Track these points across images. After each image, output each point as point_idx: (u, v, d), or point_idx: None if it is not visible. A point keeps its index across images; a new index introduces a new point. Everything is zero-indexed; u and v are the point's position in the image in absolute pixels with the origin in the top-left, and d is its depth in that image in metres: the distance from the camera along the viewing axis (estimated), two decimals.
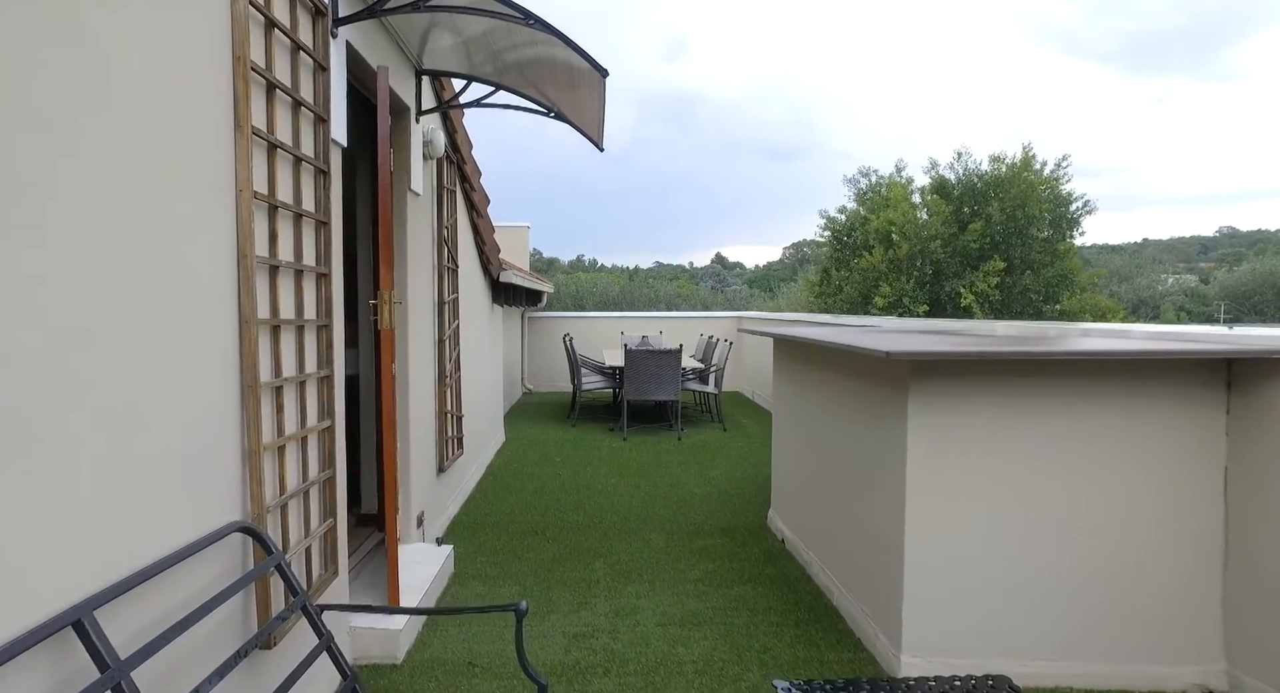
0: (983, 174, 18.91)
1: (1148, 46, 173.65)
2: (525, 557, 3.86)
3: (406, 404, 3.56)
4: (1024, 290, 17.93)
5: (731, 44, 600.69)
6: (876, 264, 18.22)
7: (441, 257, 4.11)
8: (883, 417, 2.71)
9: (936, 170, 19.90)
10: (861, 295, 18.32)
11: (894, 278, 18.00)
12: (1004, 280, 17.86)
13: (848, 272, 18.99)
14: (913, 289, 17.56)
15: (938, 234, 17.92)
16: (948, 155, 20.73)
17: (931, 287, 18.05)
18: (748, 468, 6.02)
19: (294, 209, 2.08)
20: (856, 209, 20.12)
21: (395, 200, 3.48)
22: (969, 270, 18.38)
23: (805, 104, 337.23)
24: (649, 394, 7.30)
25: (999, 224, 18.17)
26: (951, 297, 17.89)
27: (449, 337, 4.36)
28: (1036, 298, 17.79)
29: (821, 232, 20.73)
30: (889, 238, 18.41)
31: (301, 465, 2.16)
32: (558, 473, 5.82)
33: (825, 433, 3.48)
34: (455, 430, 4.56)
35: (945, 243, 18.01)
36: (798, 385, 3.98)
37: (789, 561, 3.82)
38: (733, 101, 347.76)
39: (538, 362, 11.19)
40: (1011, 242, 18.24)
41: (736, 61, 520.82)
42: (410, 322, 3.57)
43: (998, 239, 18.25)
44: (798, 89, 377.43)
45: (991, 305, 17.67)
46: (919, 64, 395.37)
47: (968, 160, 19.33)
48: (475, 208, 5.14)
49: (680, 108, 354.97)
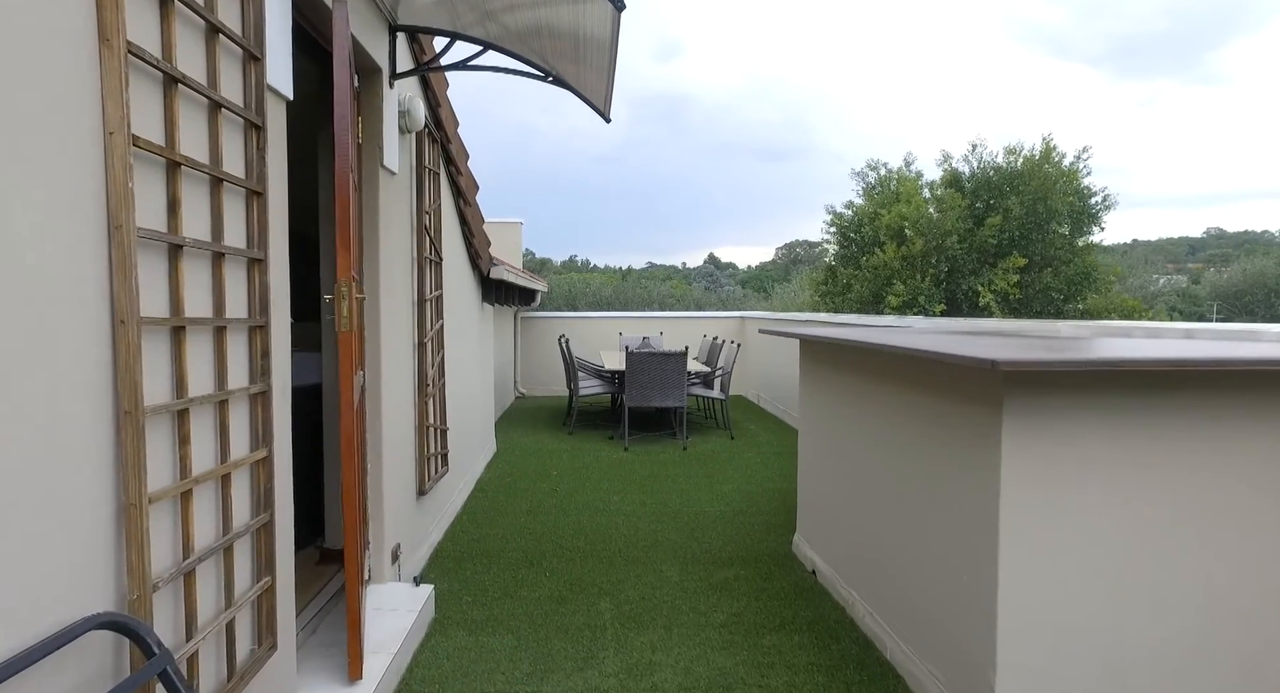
0: (999, 167, 18.03)
1: (1134, 49, 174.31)
2: (519, 595, 3.33)
3: (379, 420, 3.02)
4: (1045, 288, 17.07)
5: (724, 45, 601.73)
6: (889, 261, 17.29)
7: (422, 247, 3.57)
8: (959, 438, 2.20)
9: (949, 163, 19.05)
10: (873, 294, 17.46)
11: (908, 275, 17.14)
12: (1023, 278, 17.08)
13: (857, 269, 18.15)
14: (928, 287, 16.73)
15: (954, 229, 17.08)
16: (945, 151, 19.97)
17: (947, 285, 17.23)
18: (762, 481, 5.51)
19: (209, 170, 1.55)
20: (865, 204, 19.22)
21: (365, 177, 2.94)
22: (987, 267, 17.55)
23: (797, 105, 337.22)
24: (652, 400, 6.78)
25: (1018, 219, 17.32)
26: (968, 295, 17.11)
27: (431, 339, 3.82)
28: (1058, 296, 16.93)
29: (827, 228, 19.93)
30: (901, 234, 17.61)
31: (220, 514, 1.62)
32: (554, 489, 5.28)
33: (870, 452, 2.97)
34: (439, 446, 4.02)
35: (961, 238, 17.18)
36: (832, 395, 3.46)
37: (824, 598, 3.31)
38: (725, 102, 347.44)
39: (532, 364, 10.65)
40: (1031, 237, 17.40)
41: (729, 62, 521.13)
42: (384, 321, 3.03)
43: (1016, 235, 17.44)
44: (790, 90, 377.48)
45: (1010, 304, 16.91)
46: (909, 66, 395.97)
47: (982, 152, 18.50)
48: (462, 195, 4.60)
49: (672, 108, 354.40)
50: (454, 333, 4.58)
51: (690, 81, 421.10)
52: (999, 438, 1.97)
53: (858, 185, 20.12)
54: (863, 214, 18.75)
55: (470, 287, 5.31)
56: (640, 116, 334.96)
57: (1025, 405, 1.96)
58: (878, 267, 17.28)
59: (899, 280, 16.79)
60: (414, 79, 3.48)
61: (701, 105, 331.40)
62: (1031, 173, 17.45)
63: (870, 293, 17.16)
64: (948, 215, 17.21)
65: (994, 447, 2.00)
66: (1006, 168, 17.80)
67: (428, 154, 3.73)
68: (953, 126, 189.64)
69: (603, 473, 5.78)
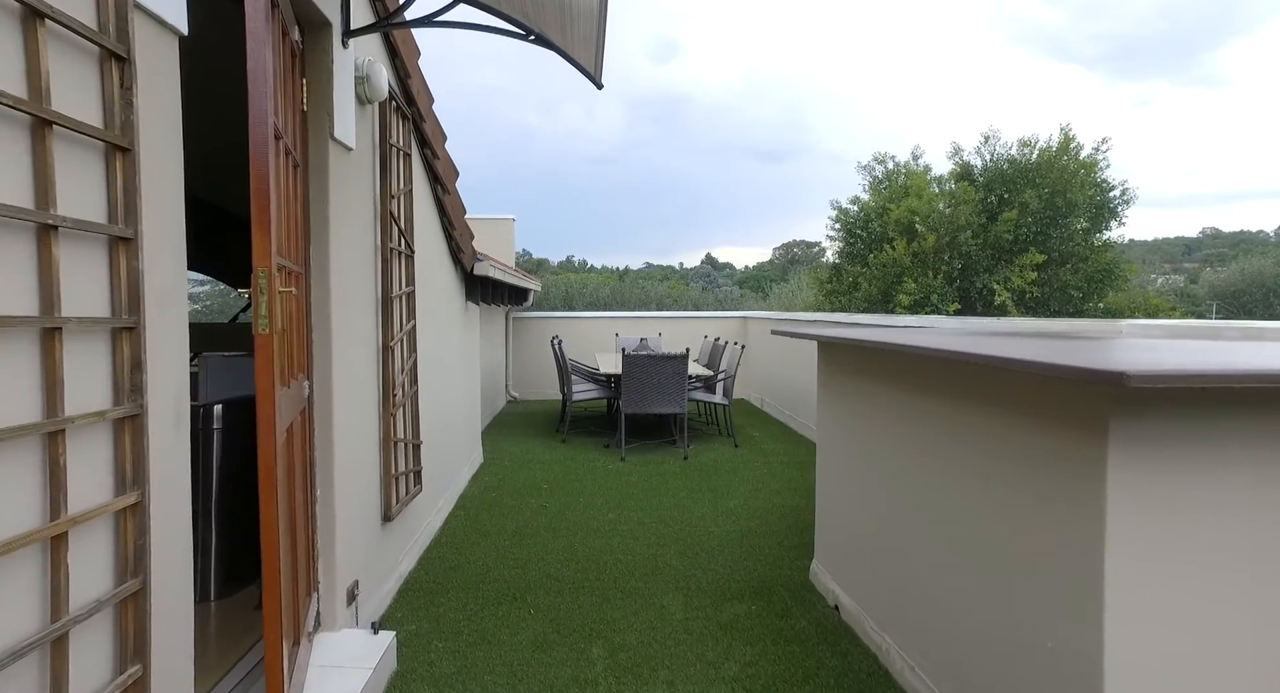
0: (1013, 159, 17.11)
1: (1130, 50, 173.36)
2: (498, 639, 2.87)
3: (330, 437, 2.55)
4: (1063, 286, 16.23)
5: (722, 45, 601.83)
6: (899, 258, 16.39)
7: (387, 237, 3.11)
8: (1043, 469, 1.75)
9: (961, 156, 18.11)
10: (881, 293, 16.59)
11: (919, 273, 16.27)
12: (1040, 275, 16.24)
13: (864, 267, 17.28)
14: (941, 285, 15.84)
15: (967, 224, 16.21)
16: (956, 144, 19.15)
17: (960, 282, 16.36)
18: (770, 496, 5.05)
19: (29, 109, 1.09)
20: (872, 199, 18.24)
21: (312, 151, 2.48)
22: (1002, 264, 16.70)
23: (795, 105, 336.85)
24: (650, 407, 6.32)
25: (1035, 213, 16.46)
26: (983, 293, 16.25)
27: (400, 342, 3.36)
28: (1077, 295, 16.07)
29: (832, 225, 18.89)
30: (912, 229, 16.69)
31: (49, 590, 1.16)
32: (544, 505, 4.82)
33: (911, 476, 2.52)
34: (411, 462, 3.56)
35: (975, 234, 16.34)
36: (858, 406, 3.01)
37: (851, 642, 2.85)
38: (723, 101, 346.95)
39: (523, 367, 10.18)
40: (1049, 232, 16.56)
41: (726, 62, 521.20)
42: (336, 321, 2.57)
43: (1033, 230, 16.57)
44: (788, 90, 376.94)
45: (1026, 303, 16.06)
46: (906, 67, 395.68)
47: (995, 144, 17.65)
48: (440, 181, 4.14)
49: (670, 109, 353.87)
50: (431, 335, 4.12)
51: (688, 82, 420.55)
52: (1103, 474, 1.52)
53: (864, 179, 19.33)
54: (870, 209, 17.93)
55: (451, 284, 4.85)
56: (638, 117, 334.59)
57: (1139, 432, 1.51)
58: (887, 264, 16.50)
59: (910, 278, 15.99)
60: (377, 42, 3.02)
61: (699, 105, 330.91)
62: (1049, 165, 16.61)
63: (879, 291, 16.36)
64: (961, 210, 16.41)
65: (1092, 480, 1.55)
66: (1022, 160, 16.95)
67: (396, 131, 3.28)
68: (950, 127, 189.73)
69: (597, 486, 5.32)
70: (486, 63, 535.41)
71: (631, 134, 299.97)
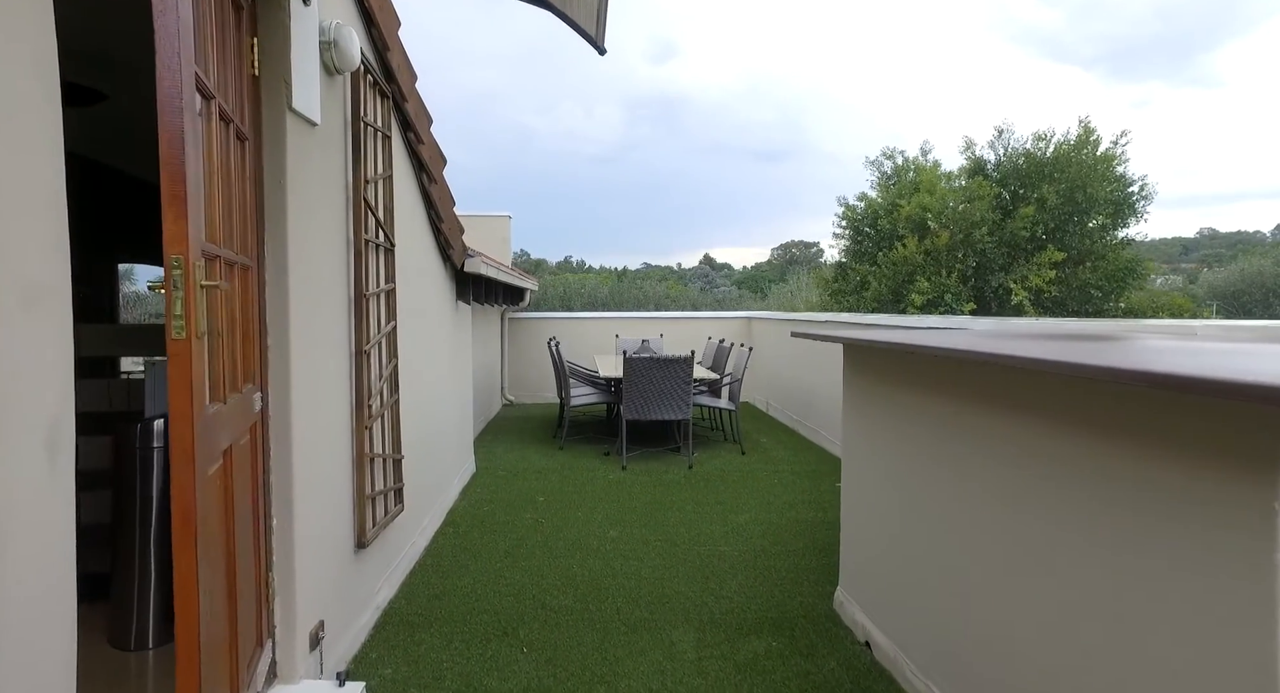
0: (1029, 153, 16.37)
1: (1127, 52, 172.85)
2: (485, 686, 2.51)
3: (289, 456, 2.19)
4: (1082, 285, 15.44)
5: (719, 46, 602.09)
6: (911, 256, 15.60)
7: (361, 227, 2.75)
8: (1165, 511, 1.39)
9: (973, 150, 17.34)
10: (892, 292, 15.78)
11: (932, 271, 15.48)
12: (1059, 273, 15.44)
13: (873, 266, 16.52)
14: (955, 284, 15.08)
15: (983, 220, 15.44)
16: (968, 138, 18.52)
17: (975, 281, 15.60)
18: (783, 510, 4.70)
19: None
20: (880, 195, 17.50)
21: (266, 123, 2.12)
22: (1019, 262, 15.89)
23: (793, 105, 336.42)
24: (653, 413, 5.96)
25: (1054, 208, 15.60)
26: (999, 293, 15.50)
27: (378, 346, 3.00)
28: (1097, 294, 15.28)
29: (838, 222, 18.14)
30: (924, 226, 15.92)
31: None
32: (540, 520, 4.46)
33: (963, 503, 2.16)
34: (391, 479, 3.20)
35: (990, 230, 15.60)
36: (894, 418, 2.66)
37: (887, 686, 2.50)
38: (721, 102, 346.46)
39: (520, 369, 9.82)
40: (1068, 229, 15.76)
41: (724, 62, 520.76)
42: (295, 322, 2.21)
43: (1051, 226, 15.77)
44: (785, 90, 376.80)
45: (1046, 302, 15.32)
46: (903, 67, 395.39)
47: (1009, 138, 16.90)
48: (426, 169, 3.78)
49: (668, 109, 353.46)
50: (416, 337, 3.76)
51: (686, 82, 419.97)
52: (1273, 525, 1.16)
53: (872, 175, 18.60)
54: (879, 206, 17.20)
55: (439, 282, 4.49)
56: (636, 118, 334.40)
57: None
58: (897, 262, 15.76)
59: (922, 277, 15.26)
60: (348, 5, 2.66)
61: (697, 106, 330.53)
62: (1067, 159, 15.84)
63: (889, 291, 15.65)
64: (975, 205, 15.67)
65: (1262, 535, 1.20)
66: (1037, 154, 16.25)
67: (372, 108, 2.92)
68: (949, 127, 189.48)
69: (597, 498, 4.96)
70: (484, 64, 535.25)
71: (629, 135, 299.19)
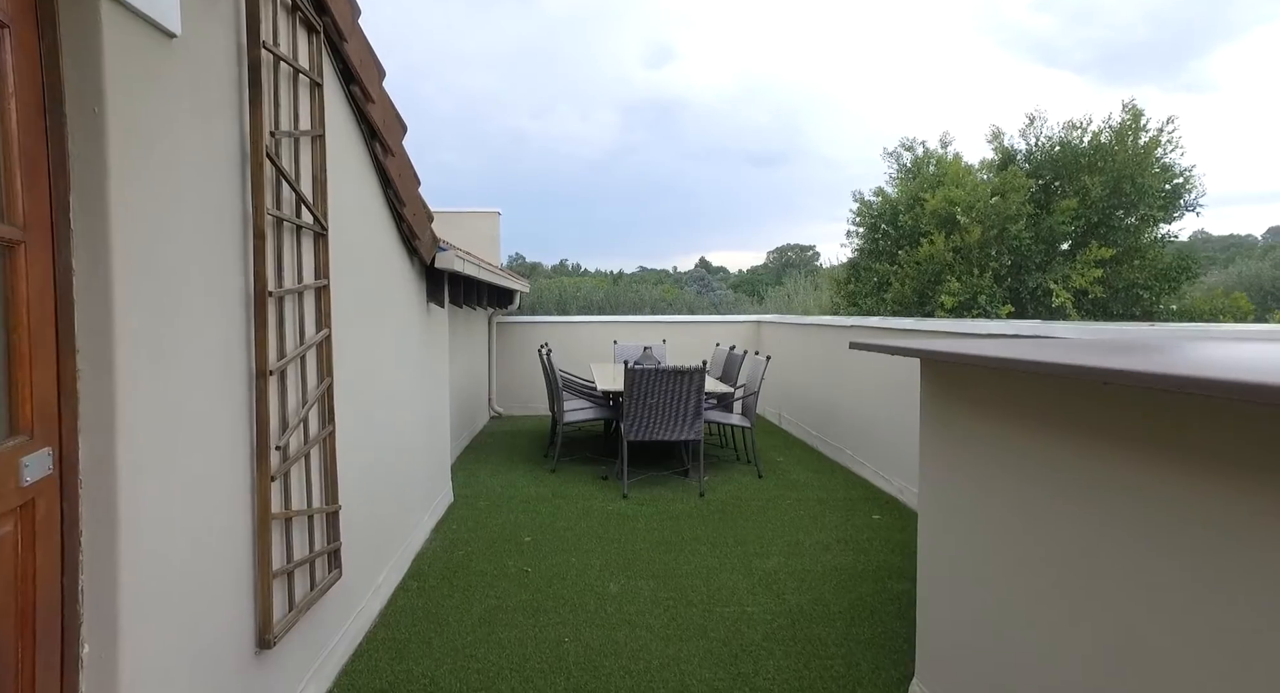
0: (1065, 142, 14.67)
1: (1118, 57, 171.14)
2: None
3: (113, 547, 1.41)
4: (1129, 285, 13.68)
5: (715, 50, 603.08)
6: (939, 253, 13.92)
7: (264, 196, 1.96)
8: None
9: (1001, 140, 15.59)
10: (917, 294, 14.16)
11: (963, 270, 13.84)
12: (1106, 273, 13.73)
13: (895, 265, 15.03)
14: (989, 285, 13.38)
15: (1019, 214, 13.70)
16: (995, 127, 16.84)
17: (1011, 281, 13.97)
18: (815, 552, 3.92)
19: None
20: (900, 189, 16.00)
21: (67, 20, 1.34)
22: (1059, 260, 14.16)
23: (788, 110, 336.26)
24: (658, 433, 5.18)
25: (1098, 201, 13.89)
26: (1037, 294, 13.76)
27: (296, 363, 2.21)
28: (1146, 295, 13.54)
29: (853, 218, 16.52)
30: (951, 221, 14.24)
31: None
32: (526, 570, 3.67)
33: (1142, 589, 1.38)
34: (323, 540, 2.41)
35: (1028, 225, 13.93)
36: (1015, 463, 1.88)
37: None
38: (716, 106, 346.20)
39: (510, 377, 9.02)
40: (1112, 223, 14.13)
41: (720, 67, 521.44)
42: (131, 333, 1.43)
43: (1094, 220, 14.09)
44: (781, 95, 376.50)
45: (1089, 305, 13.60)
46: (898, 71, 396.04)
47: (1041, 126, 15.18)
48: (378, 136, 3.00)
49: (664, 113, 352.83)
50: (365, 348, 2.98)
51: (682, 86, 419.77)
52: None
53: (890, 167, 16.99)
54: (898, 200, 15.63)
55: (403, 280, 3.70)
56: (632, 122, 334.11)
57: None
58: (923, 260, 14.15)
59: (952, 276, 13.65)
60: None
61: (693, 110, 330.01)
62: (1109, 148, 14.18)
63: (914, 292, 14.09)
64: (1011, 197, 13.94)
65: None
66: (1075, 144, 14.57)
67: (289, 40, 2.14)
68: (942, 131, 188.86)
69: (595, 537, 4.17)
70: (479, 68, 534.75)
71: (625, 138, 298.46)
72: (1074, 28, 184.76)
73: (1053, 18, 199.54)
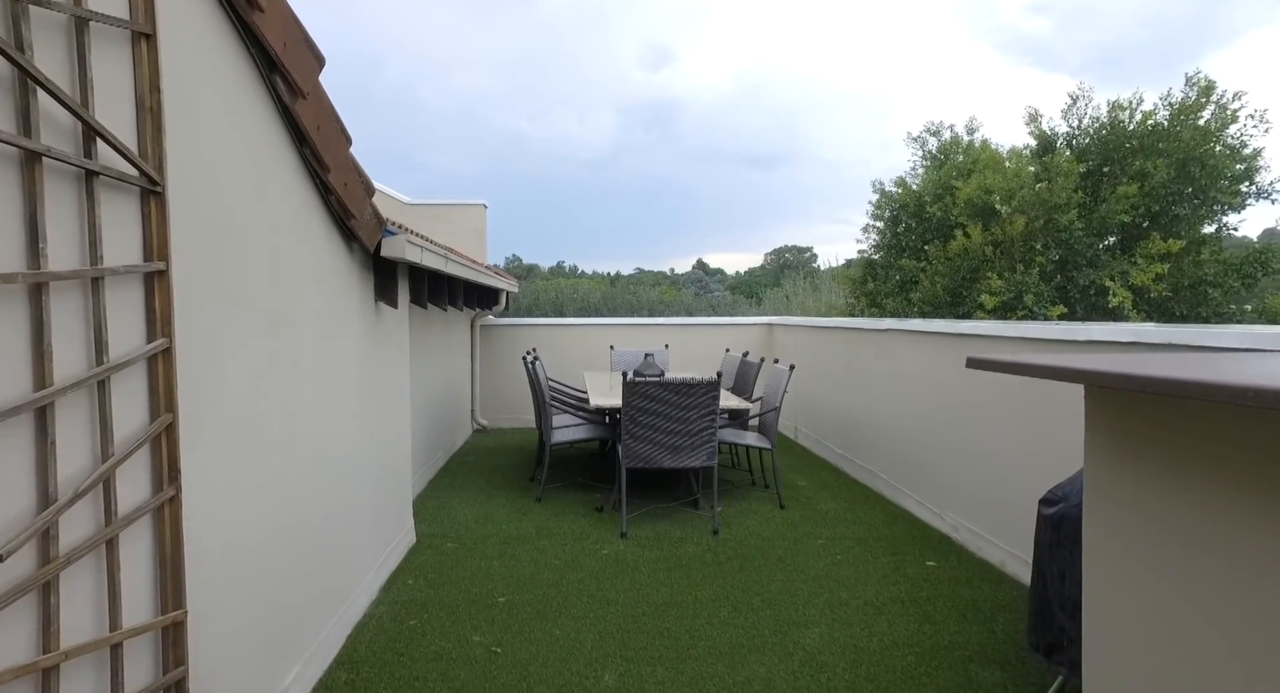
0: (1117, 122, 12.74)
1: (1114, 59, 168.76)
2: None
3: None
4: (1196, 282, 11.76)
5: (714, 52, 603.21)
6: (975, 248, 12.21)
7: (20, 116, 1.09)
8: None
9: (1039, 123, 13.40)
10: (950, 293, 12.46)
11: (1004, 266, 12.15)
12: (1171, 269, 11.88)
13: (923, 261, 13.42)
14: (1036, 282, 11.62)
15: (1068, 202, 11.78)
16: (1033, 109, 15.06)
17: (1059, 278, 12.19)
18: (866, 616, 3.07)
19: None
20: (926, 177, 14.36)
21: None
22: (1115, 255, 12.32)
23: (786, 112, 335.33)
24: (664, 460, 4.32)
25: (1161, 186, 11.87)
26: (1088, 293, 11.88)
27: (75, 394, 1.35)
28: (1216, 293, 11.63)
29: (872, 211, 14.86)
30: (988, 211, 12.50)
31: None
32: (496, 646, 2.80)
33: None
34: (157, 668, 1.54)
35: (1080, 215, 12.01)
36: (1233, 516, 1.03)
37: None
38: (714, 108, 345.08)
39: (495, 385, 8.14)
40: (1179, 213, 12.23)
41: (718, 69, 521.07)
42: None
43: (1155, 209, 12.14)
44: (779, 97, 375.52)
45: (1146, 305, 11.76)
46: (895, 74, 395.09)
47: (1086, 107, 13.07)
48: (278, 67, 2.14)
49: (661, 115, 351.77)
50: (252, 366, 2.12)
51: (680, 88, 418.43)
52: None
53: (914, 153, 15.17)
54: (921, 191, 13.95)
55: (330, 270, 2.84)
56: (630, 124, 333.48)
57: None
58: (956, 256, 12.45)
59: (992, 273, 11.93)
60: None
61: (690, 112, 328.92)
62: (1174, 126, 12.07)
63: (946, 291, 12.41)
64: (1058, 184, 11.99)
65: None
66: (1129, 126, 12.58)
67: None
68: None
69: (587, 596, 3.31)
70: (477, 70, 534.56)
71: (623, 140, 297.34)
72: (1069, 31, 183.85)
73: (1048, 20, 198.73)
